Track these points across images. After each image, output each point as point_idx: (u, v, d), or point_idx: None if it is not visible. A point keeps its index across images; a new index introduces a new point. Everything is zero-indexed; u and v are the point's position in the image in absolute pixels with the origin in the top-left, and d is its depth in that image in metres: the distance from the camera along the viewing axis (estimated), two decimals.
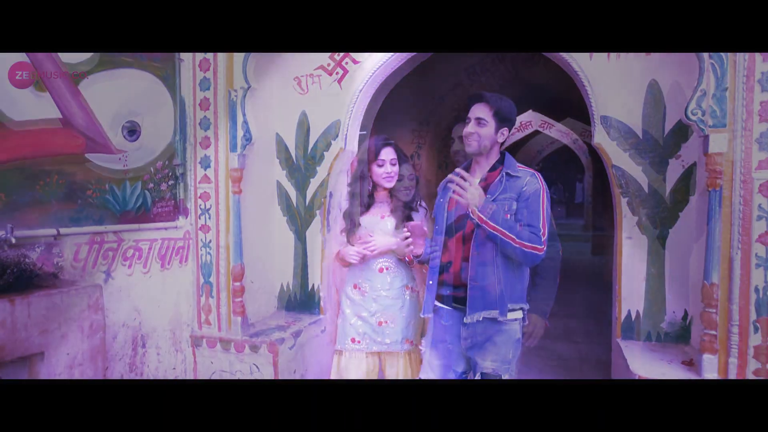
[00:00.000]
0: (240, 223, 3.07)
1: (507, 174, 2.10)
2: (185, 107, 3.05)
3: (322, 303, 3.46)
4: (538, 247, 2.00)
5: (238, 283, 3.07)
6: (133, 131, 2.78)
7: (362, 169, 2.60)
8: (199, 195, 3.08)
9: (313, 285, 3.49)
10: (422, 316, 2.25)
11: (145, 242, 2.86)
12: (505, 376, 2.06)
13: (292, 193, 3.49)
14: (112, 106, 2.68)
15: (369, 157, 2.54)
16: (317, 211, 3.44)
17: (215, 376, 3.08)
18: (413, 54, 3.30)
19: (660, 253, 2.75)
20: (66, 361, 2.12)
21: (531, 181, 2.08)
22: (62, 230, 2.44)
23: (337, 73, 3.35)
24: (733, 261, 2.24)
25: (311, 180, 3.45)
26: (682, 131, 2.70)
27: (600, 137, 2.82)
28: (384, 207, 2.57)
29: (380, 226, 2.55)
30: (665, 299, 2.76)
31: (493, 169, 2.15)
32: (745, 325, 2.23)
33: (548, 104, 6.89)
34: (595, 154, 9.08)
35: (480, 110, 2.10)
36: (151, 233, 2.89)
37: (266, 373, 2.95)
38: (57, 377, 2.09)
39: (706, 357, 2.28)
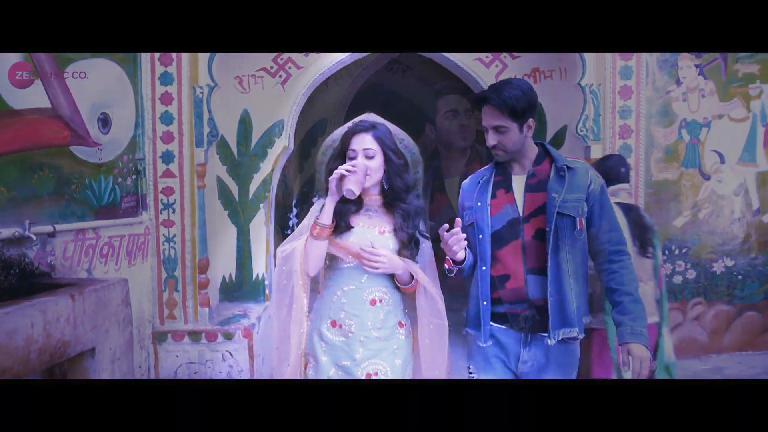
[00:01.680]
0: (205, 217, 3.15)
1: (566, 167, 1.75)
2: (143, 101, 3.01)
3: (267, 291, 3.69)
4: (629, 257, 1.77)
5: (203, 275, 3.15)
6: (106, 122, 2.69)
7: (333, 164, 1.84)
8: (160, 189, 3.06)
9: (258, 274, 3.69)
10: (483, 344, 1.77)
11: (116, 238, 2.77)
12: None
13: (234, 187, 3.63)
14: (90, 97, 2.57)
15: (340, 146, 1.82)
16: (261, 205, 3.65)
17: (182, 370, 3.11)
18: (354, 60, 3.76)
19: None
20: (109, 356, 2.10)
21: (593, 176, 1.78)
22: (55, 227, 2.32)
23: (280, 76, 3.61)
24: None
25: (254, 175, 3.64)
26: (558, 140, 3.76)
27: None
28: (381, 218, 1.77)
29: (380, 242, 1.73)
30: None
31: (537, 162, 1.79)
32: None
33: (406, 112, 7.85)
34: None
35: (493, 116, 1.71)
36: (120, 229, 2.81)
37: (240, 359, 3.12)
38: (102, 372, 2.06)
39: None
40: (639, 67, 3.25)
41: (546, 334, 1.70)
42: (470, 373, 1.84)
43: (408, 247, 1.72)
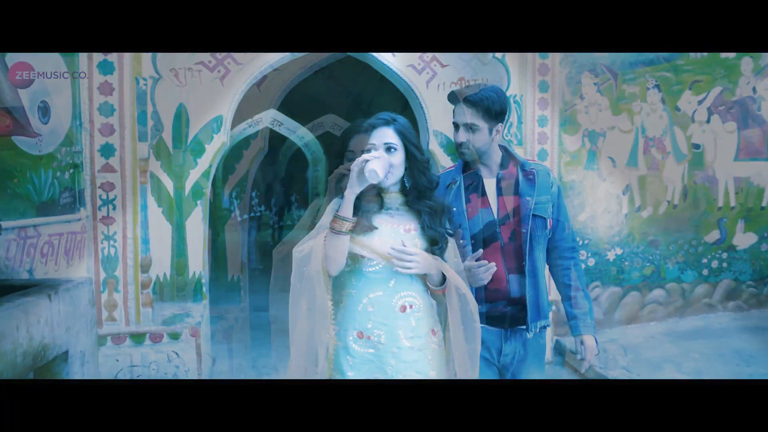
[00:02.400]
0: (147, 214, 3.03)
1: (534, 171, 1.84)
2: (80, 90, 2.82)
3: (204, 289, 3.61)
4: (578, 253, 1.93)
5: (146, 274, 3.03)
6: (46, 111, 2.49)
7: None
8: (99, 185, 2.89)
9: (194, 273, 3.59)
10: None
11: (56, 237, 2.59)
12: None
13: (169, 183, 3.49)
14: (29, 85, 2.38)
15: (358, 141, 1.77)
16: (198, 202, 3.56)
17: (122, 374, 2.96)
18: (293, 58, 3.80)
19: None
20: (79, 359, 1.99)
21: (553, 178, 1.89)
22: (1, 224, 2.13)
23: (219, 71, 3.55)
24: None
25: (190, 171, 3.54)
26: None
27: (433, 145, 4.01)
28: (403, 217, 1.65)
29: (408, 241, 1.61)
30: None
31: (504, 166, 1.85)
32: None
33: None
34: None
35: (467, 114, 1.76)
36: (58, 227, 2.62)
37: (187, 359, 3.05)
38: (74, 377, 1.96)
39: None
40: (553, 82, 3.72)
41: (523, 327, 1.80)
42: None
43: (438, 245, 1.61)
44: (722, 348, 3.86)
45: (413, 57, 3.92)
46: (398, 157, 1.59)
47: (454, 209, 1.77)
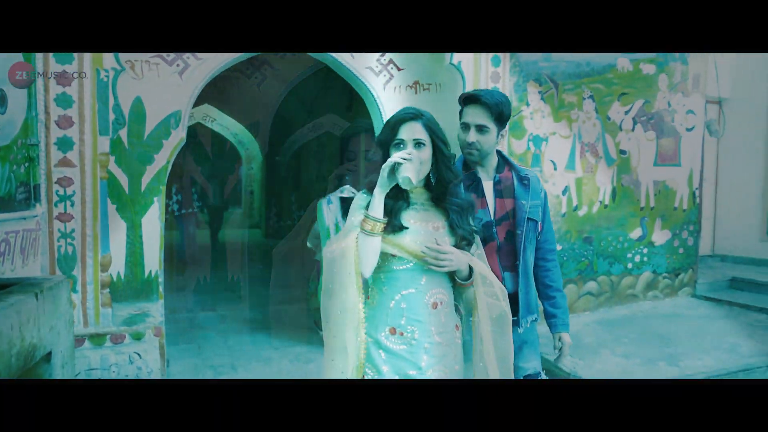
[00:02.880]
0: (107, 210, 2.91)
1: (526, 175, 1.94)
2: (35, 78, 2.66)
3: (160, 289, 3.50)
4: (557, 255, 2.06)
5: (105, 274, 2.91)
6: (3, 100, 2.34)
7: (380, 154, 1.68)
8: (56, 180, 2.74)
9: (150, 272, 3.47)
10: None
11: (12, 234, 2.43)
12: (543, 374, 2.04)
13: (124, 179, 3.36)
14: None
15: (385, 135, 1.64)
16: (155, 199, 3.44)
17: (80, 377, 2.82)
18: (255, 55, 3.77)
19: None
20: (60, 360, 1.91)
21: (541, 183, 2.01)
22: None
23: (177, 65, 3.46)
24: None
25: (147, 167, 3.42)
26: None
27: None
28: (429, 213, 1.63)
29: (435, 238, 1.60)
30: None
31: (499, 170, 1.94)
32: None
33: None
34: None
35: (480, 115, 1.82)
36: (14, 224, 2.47)
37: (150, 360, 2.97)
38: (55, 378, 1.88)
39: None
40: (504, 89, 3.97)
41: (516, 318, 1.86)
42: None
43: (468, 242, 1.62)
44: (646, 333, 4.31)
45: (371, 59, 4.04)
46: (426, 153, 1.56)
47: (472, 203, 1.74)
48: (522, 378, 1.93)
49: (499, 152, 1.97)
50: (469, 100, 1.87)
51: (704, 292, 5.25)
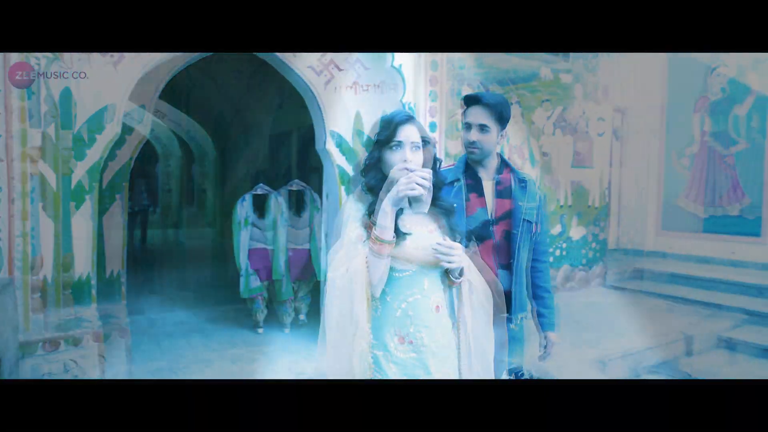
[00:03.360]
0: (38, 208, 2.72)
1: (525, 179, 2.02)
2: None
3: (93, 292, 3.30)
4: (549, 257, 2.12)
5: (36, 277, 2.72)
6: None
7: (376, 154, 1.64)
8: None
9: (82, 275, 3.27)
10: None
11: None
12: (526, 370, 2.10)
13: (51, 175, 3.13)
14: None
15: (384, 136, 1.61)
16: (87, 197, 3.25)
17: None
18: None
19: None
20: (8, 367, 1.79)
21: (539, 188, 2.09)
22: None
23: (112, 56, 3.29)
24: None
25: (78, 163, 3.22)
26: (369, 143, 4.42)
27: (329, 145, 4.19)
28: (421, 217, 1.60)
29: (433, 241, 1.56)
30: None
31: (499, 171, 2.01)
32: None
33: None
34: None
35: (482, 115, 1.90)
36: None
37: (87, 367, 2.81)
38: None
39: None
40: (441, 92, 4.17)
41: (508, 315, 1.94)
42: None
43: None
44: (567, 321, 4.70)
45: (313, 59, 4.06)
46: (421, 156, 1.56)
47: (455, 205, 1.78)
48: (506, 371, 1.99)
49: (500, 155, 2.06)
50: (471, 101, 1.95)
51: (612, 283, 5.80)
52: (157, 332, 4.45)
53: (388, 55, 4.02)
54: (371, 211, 1.49)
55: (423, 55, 4.12)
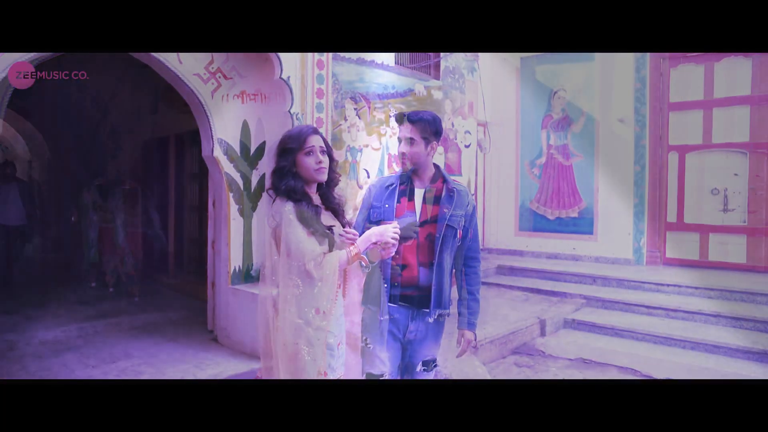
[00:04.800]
0: None
1: (455, 189, 2.23)
2: None
3: None
4: (480, 264, 2.36)
5: None
6: None
7: (291, 160, 1.85)
8: None
9: None
10: (382, 318, 2.17)
11: None
12: (439, 359, 2.37)
13: None
14: None
15: (292, 145, 1.84)
16: None
17: None
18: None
19: (250, 226, 4.47)
20: None
21: (471, 198, 2.28)
22: None
23: None
24: None
25: None
26: (260, 152, 4.50)
27: (217, 152, 4.21)
28: (327, 214, 1.92)
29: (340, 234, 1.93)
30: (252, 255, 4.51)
31: (433, 180, 2.25)
32: None
33: None
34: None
35: (407, 131, 2.20)
36: None
37: None
38: None
39: None
40: (327, 104, 4.40)
41: (427, 311, 2.20)
42: (367, 344, 2.18)
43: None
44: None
45: (199, 66, 4.06)
46: (327, 158, 1.88)
47: (387, 206, 2.21)
48: (420, 362, 2.26)
49: (437, 166, 2.32)
50: (400, 119, 2.26)
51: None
52: (17, 355, 4.07)
53: (277, 66, 4.17)
54: (318, 214, 1.81)
55: (310, 67, 4.33)
